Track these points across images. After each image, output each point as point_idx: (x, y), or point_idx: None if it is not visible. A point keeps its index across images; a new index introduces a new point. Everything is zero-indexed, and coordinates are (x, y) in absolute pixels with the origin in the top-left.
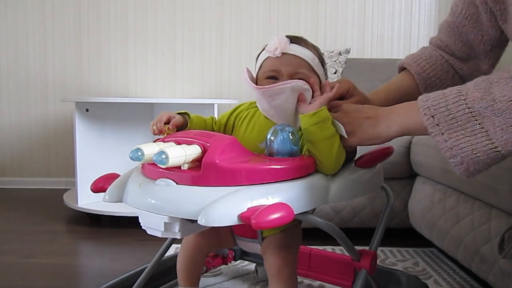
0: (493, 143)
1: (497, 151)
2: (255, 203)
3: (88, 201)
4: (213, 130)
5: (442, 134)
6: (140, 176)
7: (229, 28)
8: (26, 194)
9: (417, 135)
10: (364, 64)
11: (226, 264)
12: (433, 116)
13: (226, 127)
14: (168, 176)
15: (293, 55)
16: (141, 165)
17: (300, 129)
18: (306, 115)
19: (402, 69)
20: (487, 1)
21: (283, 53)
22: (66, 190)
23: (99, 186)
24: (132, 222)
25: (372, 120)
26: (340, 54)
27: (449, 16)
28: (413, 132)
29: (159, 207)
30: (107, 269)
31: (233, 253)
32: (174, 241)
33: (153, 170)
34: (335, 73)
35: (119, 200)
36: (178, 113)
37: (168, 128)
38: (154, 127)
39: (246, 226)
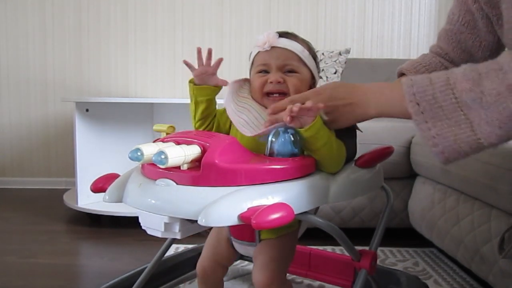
0: (476, 135)
1: (479, 142)
2: (255, 203)
3: (88, 201)
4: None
5: (426, 122)
6: (140, 176)
7: (229, 28)
8: (26, 194)
9: (394, 117)
10: (364, 64)
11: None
12: (418, 103)
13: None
14: (168, 176)
15: (282, 48)
16: (141, 165)
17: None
18: (301, 130)
19: (401, 74)
20: (483, 7)
21: (272, 47)
22: (66, 190)
23: (99, 186)
24: (132, 222)
25: (350, 106)
26: (340, 54)
27: (447, 23)
28: (391, 116)
29: (159, 207)
30: (107, 269)
31: None
32: (174, 241)
33: (153, 170)
34: (335, 73)
35: (119, 200)
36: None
37: (168, 128)
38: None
39: (244, 229)
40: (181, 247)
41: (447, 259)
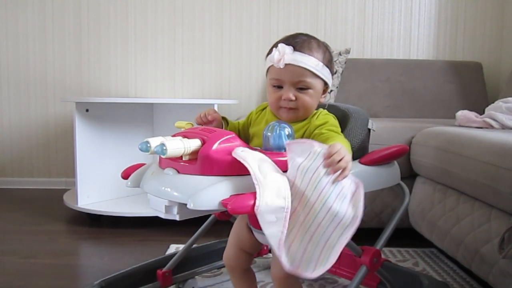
0: None
1: None
2: (238, 191)
3: (88, 201)
4: (238, 132)
5: None
6: (156, 166)
7: (229, 28)
8: (26, 194)
9: None
10: (364, 64)
11: (262, 256)
12: None
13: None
14: (173, 166)
15: (296, 65)
16: (159, 158)
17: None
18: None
19: None
20: None
21: (286, 64)
22: (66, 190)
23: (128, 174)
24: (132, 222)
25: None
26: (340, 54)
27: None
28: None
29: (161, 192)
30: (107, 269)
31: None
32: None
33: (164, 160)
34: (335, 73)
35: (138, 185)
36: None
37: (186, 124)
38: (197, 120)
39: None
40: (181, 246)
41: (447, 259)
